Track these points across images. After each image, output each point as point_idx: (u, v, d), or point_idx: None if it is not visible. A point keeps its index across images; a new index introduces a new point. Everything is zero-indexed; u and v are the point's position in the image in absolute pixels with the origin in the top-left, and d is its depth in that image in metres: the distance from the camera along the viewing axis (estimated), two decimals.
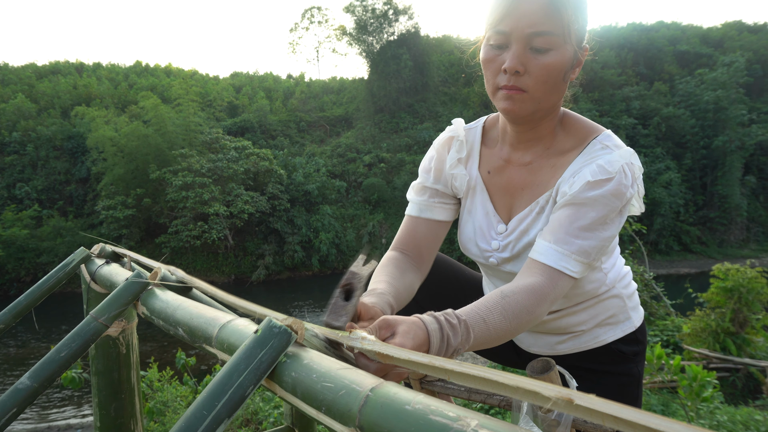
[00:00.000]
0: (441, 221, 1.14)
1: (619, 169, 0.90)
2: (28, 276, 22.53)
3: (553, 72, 0.89)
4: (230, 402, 0.56)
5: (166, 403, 3.85)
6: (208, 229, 22.94)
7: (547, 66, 0.88)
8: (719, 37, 43.04)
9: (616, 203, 0.90)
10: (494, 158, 1.09)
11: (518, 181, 1.05)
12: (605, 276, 1.06)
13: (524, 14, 0.86)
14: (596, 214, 0.89)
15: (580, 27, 0.90)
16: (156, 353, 9.94)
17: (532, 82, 0.90)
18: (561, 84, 0.93)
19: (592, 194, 0.90)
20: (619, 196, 0.90)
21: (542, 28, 0.86)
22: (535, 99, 0.92)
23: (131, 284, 1.02)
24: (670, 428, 0.35)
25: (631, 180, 0.91)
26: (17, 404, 0.88)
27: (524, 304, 0.83)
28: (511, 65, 0.88)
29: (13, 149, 28.24)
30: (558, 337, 1.11)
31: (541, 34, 0.86)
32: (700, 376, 3.24)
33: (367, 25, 35.00)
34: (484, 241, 1.09)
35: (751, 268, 5.84)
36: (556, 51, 0.88)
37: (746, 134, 31.60)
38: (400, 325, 0.70)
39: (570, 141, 1.00)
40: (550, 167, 1.01)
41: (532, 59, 0.88)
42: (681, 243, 30.29)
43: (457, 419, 0.39)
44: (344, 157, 31.28)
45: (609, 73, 35.67)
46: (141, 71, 41.94)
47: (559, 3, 0.85)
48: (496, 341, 0.82)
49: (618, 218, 0.92)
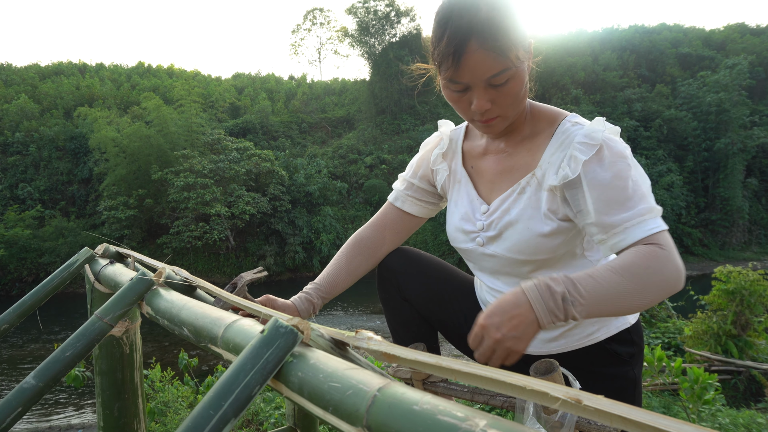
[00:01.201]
0: (408, 213, 1.29)
1: (601, 136, 0.96)
2: (30, 276, 22.57)
3: (517, 94, 0.97)
4: (237, 402, 0.56)
5: (168, 404, 3.85)
6: (209, 230, 22.96)
7: (510, 93, 0.96)
8: (721, 39, 43.02)
9: (622, 162, 0.94)
10: (475, 150, 1.18)
11: (497, 167, 1.12)
12: (589, 262, 1.07)
13: (476, 66, 0.92)
14: (619, 181, 0.92)
15: (524, 43, 0.96)
16: (157, 354, 9.96)
17: (502, 109, 0.98)
18: (522, 93, 1.00)
19: (602, 169, 0.94)
20: (618, 154, 0.94)
21: (496, 70, 0.92)
22: (509, 117, 1.01)
23: (136, 284, 1.02)
24: (677, 429, 0.35)
25: (615, 140, 0.97)
26: (23, 403, 0.88)
27: (633, 260, 0.85)
28: (480, 108, 0.97)
29: (16, 150, 28.30)
30: (549, 333, 1.10)
31: (496, 75, 0.93)
32: (702, 378, 3.23)
33: (369, 26, 35.05)
34: (469, 223, 1.15)
35: (753, 270, 5.83)
36: (513, 78, 0.95)
37: (748, 137, 31.56)
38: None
39: (540, 125, 1.07)
40: (526, 151, 1.07)
41: (495, 94, 0.96)
42: (683, 245, 30.24)
43: (466, 419, 0.39)
44: (346, 159, 31.29)
45: (611, 76, 35.66)
46: (143, 72, 42.04)
47: (502, 44, 0.90)
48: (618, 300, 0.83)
49: (635, 168, 0.95)
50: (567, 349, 1.10)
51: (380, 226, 1.30)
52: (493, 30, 0.90)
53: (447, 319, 1.25)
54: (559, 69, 34.91)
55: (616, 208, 0.91)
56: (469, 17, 0.90)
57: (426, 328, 1.29)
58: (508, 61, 0.92)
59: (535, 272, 1.07)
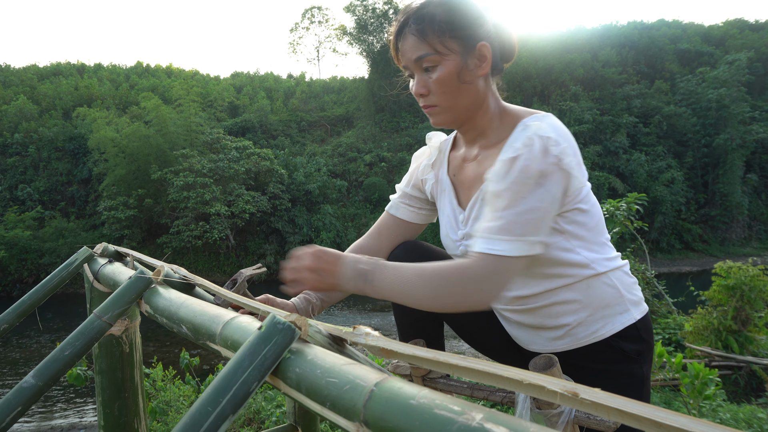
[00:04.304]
0: (403, 220, 1.33)
1: (525, 144, 0.96)
2: (31, 277, 22.55)
3: (444, 82, 1.05)
4: (235, 398, 0.56)
5: (169, 403, 3.86)
6: (209, 229, 22.94)
7: (437, 80, 1.05)
8: (721, 35, 42.96)
9: (525, 178, 0.94)
10: (457, 159, 1.23)
11: (472, 174, 1.16)
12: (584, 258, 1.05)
13: (405, 50, 1.07)
14: (509, 194, 0.95)
15: (462, 35, 1.04)
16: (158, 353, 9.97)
17: (436, 97, 1.07)
18: (461, 86, 1.05)
19: (501, 177, 0.97)
20: (525, 170, 0.94)
21: (419, 53, 1.04)
22: (446, 108, 1.08)
23: (135, 282, 1.02)
24: (673, 421, 0.35)
25: (541, 151, 0.95)
26: (22, 402, 0.88)
27: (443, 268, 0.93)
28: (415, 90, 1.09)
29: (15, 151, 28.28)
30: (554, 332, 1.09)
31: (421, 58, 1.04)
32: (702, 373, 3.24)
33: (368, 24, 35.02)
34: (453, 232, 1.19)
35: (753, 265, 5.84)
36: (441, 65, 1.04)
37: (747, 132, 31.52)
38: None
39: (505, 130, 1.08)
40: (491, 157, 1.10)
41: (428, 80, 1.06)
42: (682, 241, 30.24)
43: (462, 413, 0.39)
44: (345, 157, 31.27)
45: (610, 72, 35.60)
46: (142, 72, 41.98)
47: (424, 31, 1.03)
48: (406, 294, 0.94)
49: (537, 190, 0.94)
50: (573, 346, 1.09)
51: (377, 234, 1.34)
52: (426, 19, 1.03)
53: (455, 314, 1.25)
54: (558, 66, 34.88)
55: (489, 217, 0.97)
56: (410, 11, 1.06)
57: (433, 323, 1.30)
58: (430, 48, 1.03)
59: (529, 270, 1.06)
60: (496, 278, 0.92)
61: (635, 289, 1.12)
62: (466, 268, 0.92)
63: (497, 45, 1.10)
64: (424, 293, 0.93)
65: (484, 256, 0.93)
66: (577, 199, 1.02)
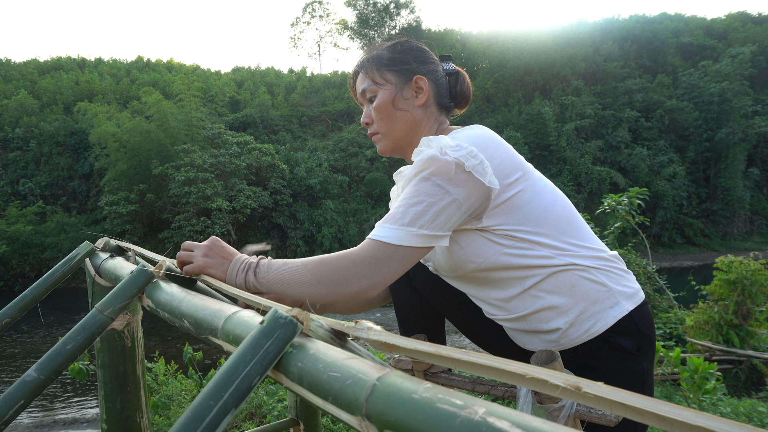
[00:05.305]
0: None
1: (417, 152, 1.04)
2: (33, 272, 22.63)
3: (380, 109, 1.18)
4: (237, 392, 0.56)
5: (171, 397, 3.88)
6: (210, 224, 22.97)
7: (376, 107, 1.19)
8: (723, 28, 42.75)
9: (413, 175, 1.01)
10: None
11: None
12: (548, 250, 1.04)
13: (356, 86, 1.26)
14: (404, 192, 1.02)
15: (400, 69, 1.18)
16: (160, 348, 10.00)
17: (376, 125, 1.21)
18: (396, 113, 1.17)
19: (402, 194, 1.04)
20: (414, 168, 1.01)
21: (363, 86, 1.21)
22: (386, 134, 1.20)
23: (136, 276, 1.02)
24: (676, 414, 0.35)
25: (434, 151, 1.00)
26: (24, 396, 0.88)
27: (329, 255, 0.98)
28: (362, 120, 1.24)
29: (16, 145, 28.30)
30: (549, 335, 1.08)
31: (365, 90, 1.21)
32: (702, 368, 3.24)
33: (369, 18, 34.91)
34: None
35: (754, 260, 5.84)
36: (379, 96, 1.19)
37: (750, 126, 31.42)
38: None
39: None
40: None
41: (372, 110, 1.20)
42: (684, 236, 30.24)
43: (465, 407, 0.39)
44: (346, 152, 31.26)
45: (612, 66, 35.49)
46: (143, 67, 41.92)
47: (369, 68, 1.21)
48: (292, 283, 0.97)
49: (423, 183, 0.98)
50: (569, 346, 1.07)
51: None
52: (372, 60, 1.21)
53: (456, 308, 1.25)
54: (559, 60, 34.75)
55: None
56: (365, 56, 1.24)
57: (434, 317, 1.30)
58: (369, 81, 1.20)
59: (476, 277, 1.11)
60: (377, 264, 0.95)
61: (627, 280, 1.09)
62: (350, 253, 0.97)
63: (443, 84, 1.21)
64: (308, 280, 0.95)
65: (369, 242, 0.97)
66: (498, 201, 1.02)
